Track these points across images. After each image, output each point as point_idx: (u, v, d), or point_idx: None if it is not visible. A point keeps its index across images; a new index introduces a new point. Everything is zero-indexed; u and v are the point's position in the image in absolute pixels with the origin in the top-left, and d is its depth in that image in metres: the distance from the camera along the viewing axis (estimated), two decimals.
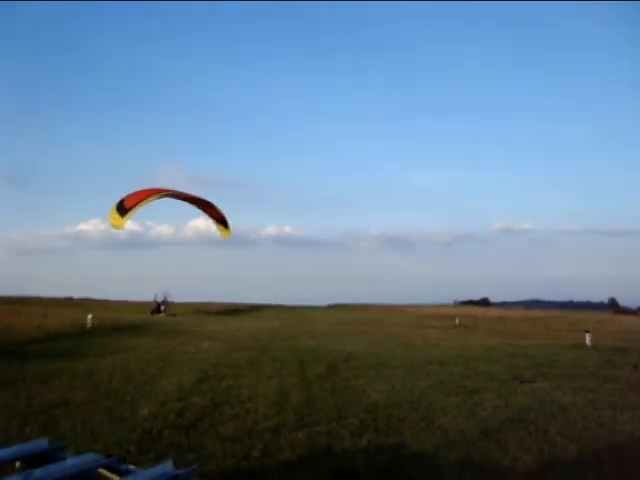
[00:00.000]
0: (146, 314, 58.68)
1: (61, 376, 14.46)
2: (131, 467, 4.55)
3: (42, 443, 5.01)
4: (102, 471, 4.39)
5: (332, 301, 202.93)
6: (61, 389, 12.64)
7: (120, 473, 4.35)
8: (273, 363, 18.73)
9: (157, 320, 47.34)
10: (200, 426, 9.72)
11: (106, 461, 4.50)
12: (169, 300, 65.68)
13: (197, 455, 7.88)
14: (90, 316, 33.78)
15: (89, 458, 4.55)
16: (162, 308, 62.73)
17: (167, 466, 4.36)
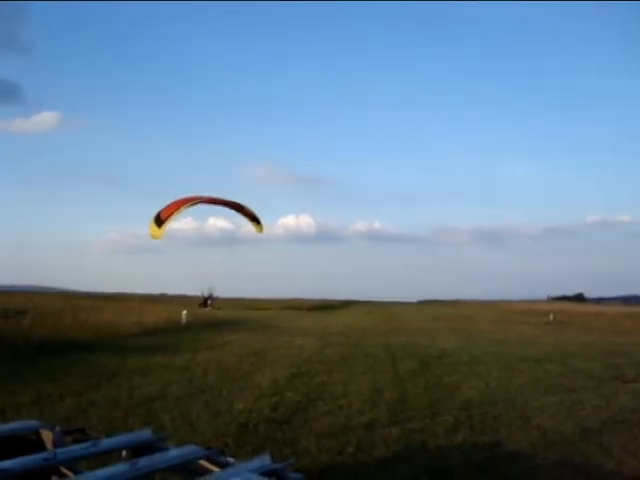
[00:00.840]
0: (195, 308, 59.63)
1: (159, 370, 14.95)
2: (230, 460, 4.64)
3: (146, 434, 5.19)
4: (203, 462, 4.51)
5: (422, 297, 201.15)
6: (160, 383, 13.05)
7: (220, 465, 4.45)
8: (365, 359, 18.75)
9: (250, 316, 48.17)
10: (294, 421, 9.84)
11: (206, 453, 4.61)
12: (214, 295, 68.61)
13: (292, 450, 7.96)
14: (185, 312, 34.68)
15: (190, 449, 4.68)
16: (208, 302, 65.48)
17: (265, 460, 4.43)
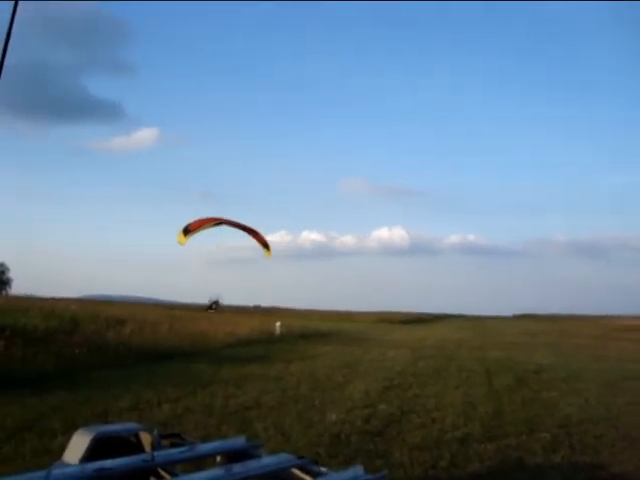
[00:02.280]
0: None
1: (253, 380, 15.14)
2: (323, 469, 4.64)
3: (240, 441, 5.26)
4: (295, 471, 4.53)
5: (518, 311, 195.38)
6: (253, 392, 13.21)
7: (313, 474, 4.45)
8: (459, 373, 18.43)
9: (343, 328, 48.29)
10: (387, 433, 9.75)
11: (299, 462, 4.63)
12: (220, 301, 75.05)
13: (385, 462, 7.88)
14: (279, 324, 35.10)
15: (283, 458, 4.71)
16: (213, 307, 71.39)
17: (358, 470, 4.40)
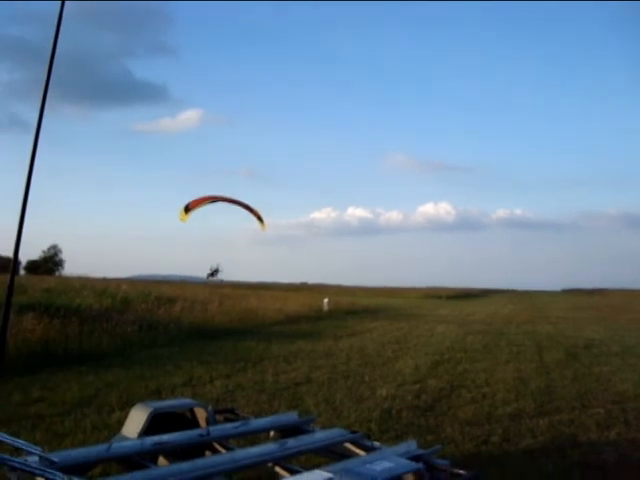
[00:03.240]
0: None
1: (303, 356, 15.27)
2: (376, 444, 4.68)
3: (292, 416, 5.34)
4: (348, 445, 4.58)
5: (566, 285, 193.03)
6: (303, 368, 13.34)
7: (365, 449, 4.50)
8: (509, 347, 18.27)
9: (390, 304, 48.29)
10: (438, 408, 9.74)
11: (352, 436, 4.68)
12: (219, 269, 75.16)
13: (436, 437, 7.89)
14: (326, 300, 35.25)
15: (336, 432, 4.76)
16: (214, 274, 72.39)
17: (411, 445, 4.43)
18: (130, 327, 16.69)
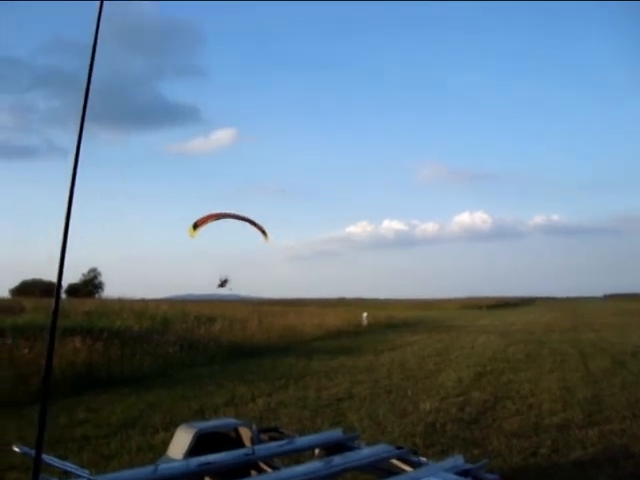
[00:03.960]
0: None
1: (344, 371, 15.20)
2: (422, 459, 4.60)
3: (337, 433, 5.28)
4: (395, 462, 4.50)
5: (608, 291, 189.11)
6: (345, 383, 13.27)
7: (412, 464, 4.42)
8: (552, 356, 17.97)
9: (430, 316, 47.96)
10: (482, 421, 9.59)
11: (398, 452, 4.60)
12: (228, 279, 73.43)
13: (482, 450, 7.76)
14: (365, 314, 35.11)
15: (382, 449, 4.69)
16: (224, 285, 70.20)
17: (458, 460, 4.34)
18: (171, 347, 16.80)
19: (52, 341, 2.76)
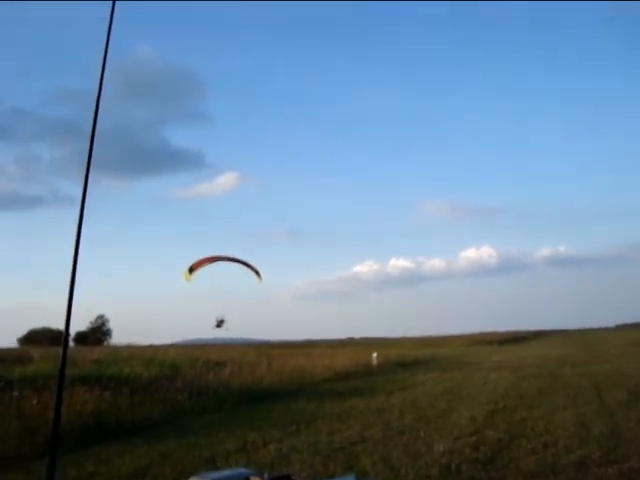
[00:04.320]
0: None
1: (355, 414, 15.01)
2: None
3: (350, 478, 5.19)
4: None
5: (620, 321, 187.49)
6: (357, 426, 13.08)
7: None
8: (565, 391, 17.75)
9: (440, 354, 47.60)
10: (498, 460, 9.41)
11: None
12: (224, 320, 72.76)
13: None
14: (375, 354, 34.83)
15: None
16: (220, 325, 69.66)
17: None
18: (180, 394, 16.66)
19: (60, 392, 2.74)
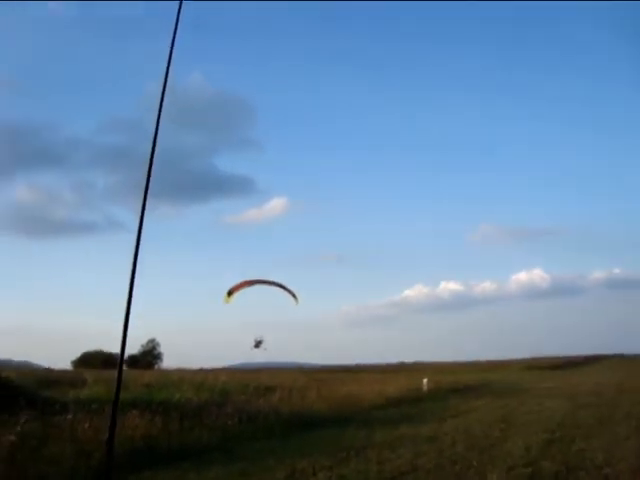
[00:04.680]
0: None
1: (406, 442, 14.69)
2: None
3: None
4: None
5: None
6: (408, 455, 12.80)
7: None
8: (627, 421, 17.12)
9: (492, 379, 46.67)
10: None
11: None
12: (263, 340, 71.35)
13: None
14: (425, 380, 34.34)
15: None
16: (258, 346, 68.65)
17: None
18: (230, 420, 16.60)
19: (114, 416, 2.71)
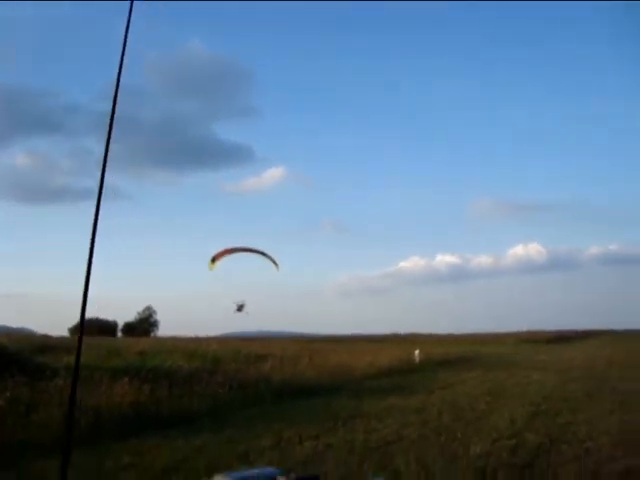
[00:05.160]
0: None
1: (394, 412, 14.84)
2: None
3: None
4: None
5: None
6: (394, 425, 12.93)
7: None
8: (613, 396, 17.26)
9: (484, 352, 46.95)
10: (536, 466, 9.19)
11: None
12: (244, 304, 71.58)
13: None
14: (417, 351, 34.49)
15: None
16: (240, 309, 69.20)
17: None
18: (220, 388, 16.71)
19: (74, 390, 2.71)
